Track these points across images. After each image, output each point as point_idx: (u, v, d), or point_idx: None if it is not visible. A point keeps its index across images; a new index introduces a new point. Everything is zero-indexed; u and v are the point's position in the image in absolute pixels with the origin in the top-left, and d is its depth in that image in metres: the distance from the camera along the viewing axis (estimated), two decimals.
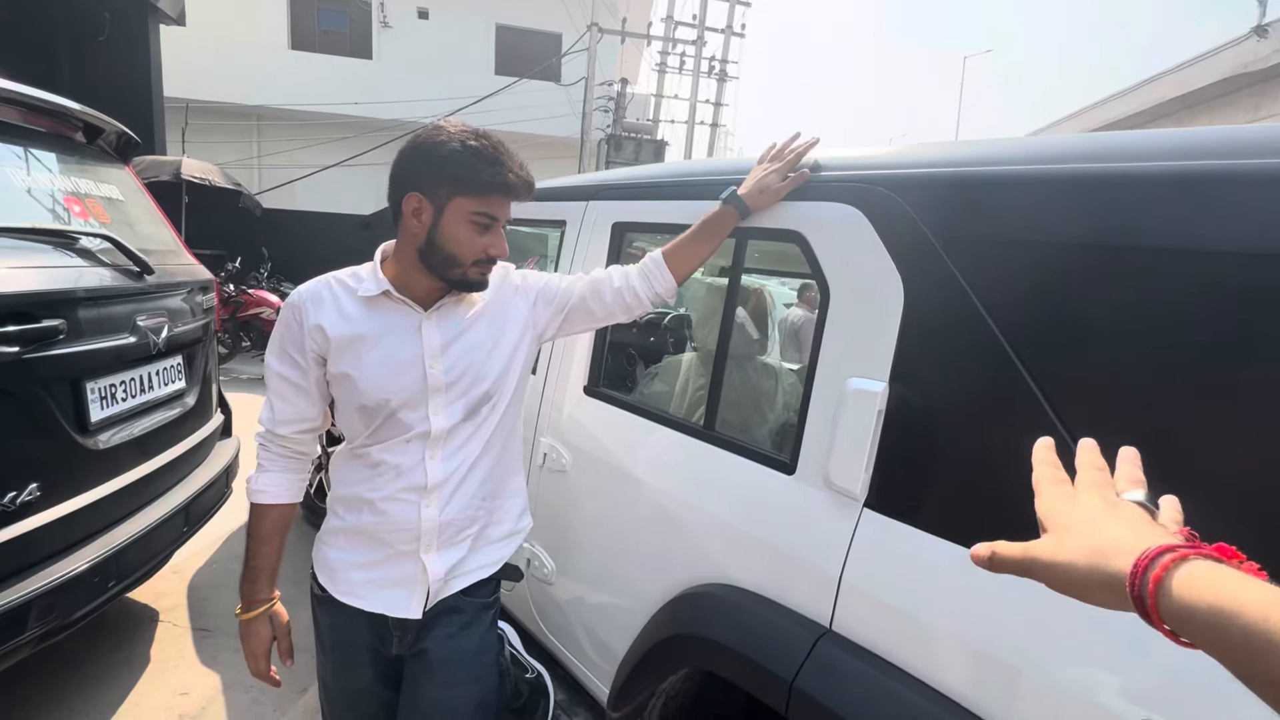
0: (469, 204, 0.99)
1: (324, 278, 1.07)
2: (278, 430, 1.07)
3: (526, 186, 1.01)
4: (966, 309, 0.91)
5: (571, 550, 1.58)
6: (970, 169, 0.96)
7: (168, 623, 2.30)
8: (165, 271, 1.99)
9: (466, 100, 9.99)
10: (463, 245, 1.00)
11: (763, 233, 1.24)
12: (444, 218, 0.99)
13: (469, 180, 0.97)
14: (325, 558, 1.11)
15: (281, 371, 1.05)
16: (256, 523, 1.08)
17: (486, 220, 1.00)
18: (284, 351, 1.04)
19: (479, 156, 0.97)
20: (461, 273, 1.02)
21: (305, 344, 1.02)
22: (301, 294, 1.04)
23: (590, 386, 1.60)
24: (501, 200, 1.01)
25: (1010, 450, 0.88)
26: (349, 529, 1.08)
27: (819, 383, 1.09)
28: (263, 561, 1.08)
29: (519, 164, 1.01)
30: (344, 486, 1.09)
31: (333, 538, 1.11)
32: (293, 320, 1.03)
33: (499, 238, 1.03)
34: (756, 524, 1.15)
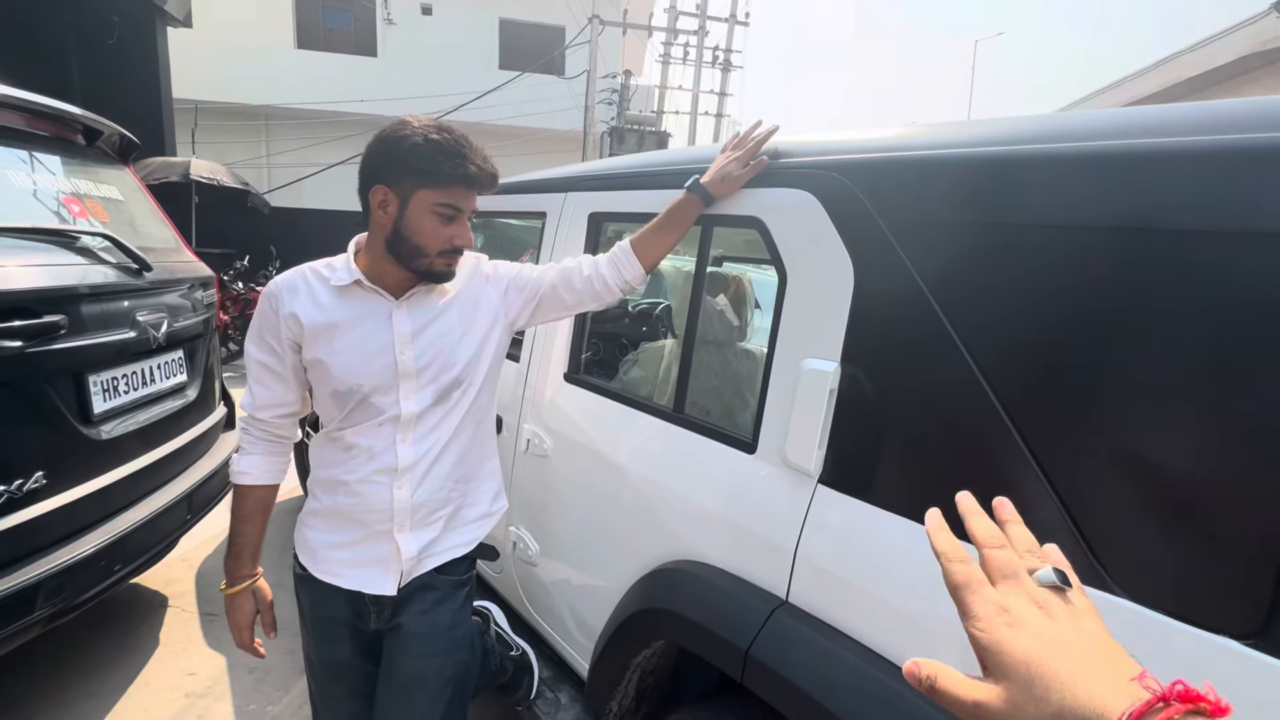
0: (432, 196, 1.03)
1: (300, 268, 1.12)
2: (258, 415, 1.12)
3: (489, 178, 1.05)
4: (911, 290, 0.94)
5: (554, 532, 1.63)
6: (914, 152, 0.99)
7: (176, 608, 2.39)
8: (164, 268, 2.06)
9: (470, 95, 10.04)
10: (428, 236, 1.04)
11: (725, 220, 1.27)
12: (409, 210, 1.04)
13: (431, 173, 1.01)
14: (305, 539, 1.16)
15: (259, 358, 1.10)
16: (239, 503, 1.14)
17: (450, 211, 1.04)
18: (261, 339, 1.09)
19: (440, 149, 1.01)
20: (428, 263, 1.06)
21: (281, 331, 1.07)
22: (278, 283, 1.09)
23: (570, 374, 1.64)
24: (464, 192, 1.05)
25: (954, 429, 0.92)
26: (326, 510, 1.13)
27: (777, 364, 1.13)
28: (245, 539, 1.14)
29: (481, 156, 1.05)
30: (321, 470, 1.14)
31: (312, 519, 1.16)
32: (269, 309, 1.08)
33: (463, 228, 1.07)
34: (721, 502, 1.19)
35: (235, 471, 1.13)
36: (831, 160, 1.09)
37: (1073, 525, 0.78)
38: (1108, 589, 0.76)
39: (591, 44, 10.43)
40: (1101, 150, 0.80)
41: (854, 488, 1.00)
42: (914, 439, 0.95)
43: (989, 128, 0.96)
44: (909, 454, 0.96)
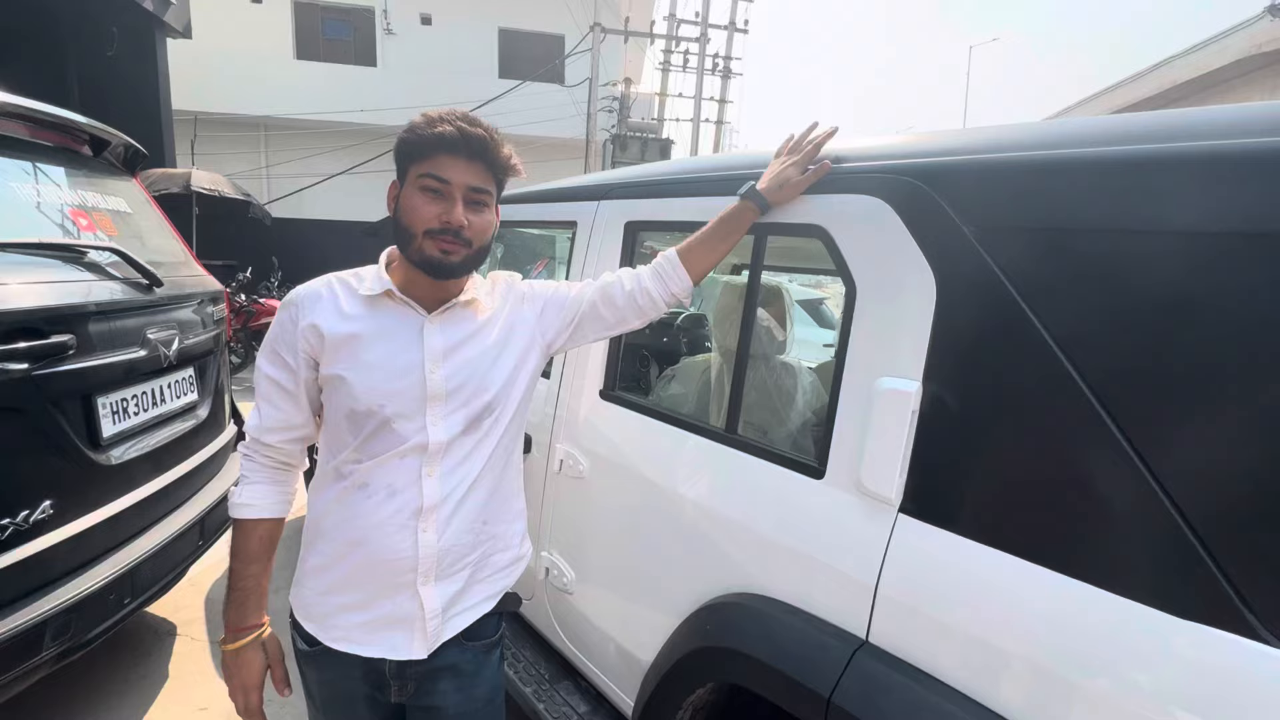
0: (417, 169, 0.95)
1: (324, 277, 1.02)
2: (264, 438, 1.01)
3: (466, 140, 0.93)
4: (1006, 304, 0.87)
5: (592, 559, 1.54)
6: (1003, 155, 0.91)
7: (186, 636, 2.30)
8: (175, 284, 1.98)
9: (471, 104, 9.99)
10: (413, 213, 0.95)
11: (783, 228, 1.19)
12: (403, 191, 0.97)
13: (415, 144, 0.94)
14: (309, 602, 1.01)
15: (270, 374, 1.00)
16: (242, 541, 1.00)
17: (434, 183, 0.94)
18: (275, 353, 0.99)
19: (425, 119, 0.95)
20: (417, 247, 0.95)
21: (298, 344, 0.97)
22: (298, 292, 1.00)
23: (606, 390, 1.56)
24: (447, 159, 0.93)
25: (1054, 452, 0.84)
26: (334, 565, 0.99)
27: (847, 383, 1.05)
28: (250, 583, 1.01)
29: (466, 118, 0.95)
30: (326, 515, 1.00)
31: (315, 579, 1.01)
32: (287, 319, 0.99)
33: (453, 204, 0.94)
34: (784, 530, 1.11)
35: (236, 504, 1.00)
36: (906, 164, 1.01)
37: (1212, 562, 0.70)
38: (1256, 635, 0.68)
39: (594, 52, 10.41)
40: (1236, 150, 0.72)
41: (941, 517, 0.92)
42: (1011, 464, 0.88)
43: (1084, 128, 0.89)
44: (1006, 481, 0.88)
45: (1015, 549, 0.85)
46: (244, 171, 11.11)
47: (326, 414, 1.01)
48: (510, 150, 1.00)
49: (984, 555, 0.87)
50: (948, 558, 0.90)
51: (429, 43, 12.59)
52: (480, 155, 0.95)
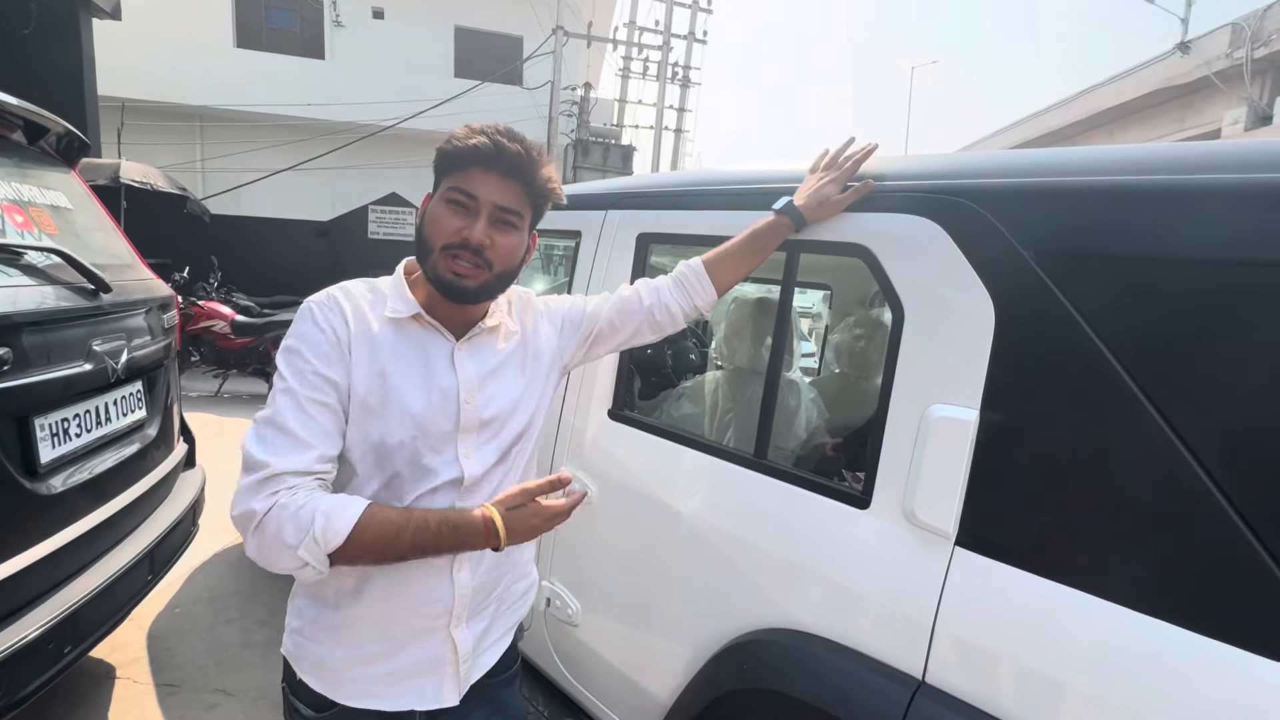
0: (448, 181, 0.87)
1: (337, 288, 0.89)
2: (315, 468, 0.79)
3: (501, 156, 0.84)
4: (1072, 333, 0.84)
5: (600, 589, 1.46)
6: (1068, 179, 0.89)
7: (127, 679, 2.07)
8: (122, 288, 1.78)
9: (426, 103, 9.70)
10: (433, 225, 0.86)
11: (820, 245, 1.15)
12: (432, 203, 0.89)
13: (450, 155, 0.86)
14: (318, 658, 0.89)
15: (311, 394, 0.81)
16: (392, 540, 0.78)
17: (460, 197, 0.85)
18: (313, 370, 0.82)
19: (465, 130, 0.87)
20: (431, 263, 0.86)
21: (333, 357, 0.83)
22: (318, 300, 0.87)
23: (615, 410, 1.48)
24: (479, 173, 0.85)
25: (1122, 485, 0.82)
26: (350, 616, 0.88)
27: (895, 409, 1.01)
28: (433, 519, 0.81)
29: (507, 133, 0.86)
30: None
31: (325, 632, 0.89)
32: (319, 330, 0.84)
33: (474, 220, 0.85)
34: (825, 562, 1.06)
35: (329, 527, 0.75)
36: (959, 185, 0.98)
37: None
38: None
39: (555, 54, 10.29)
40: None
41: (1001, 551, 0.89)
42: (1077, 497, 0.85)
43: (1151, 154, 0.88)
44: (1071, 514, 0.85)
45: (1083, 584, 0.82)
46: (178, 164, 10.42)
47: (348, 444, 0.86)
48: (552, 172, 0.92)
49: (1049, 591, 0.84)
50: (1010, 593, 0.87)
51: (381, 37, 12.16)
52: (515, 173, 0.87)
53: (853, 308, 2.54)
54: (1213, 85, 11.67)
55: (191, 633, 2.33)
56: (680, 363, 2.24)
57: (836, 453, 1.63)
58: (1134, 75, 14.02)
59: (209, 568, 2.83)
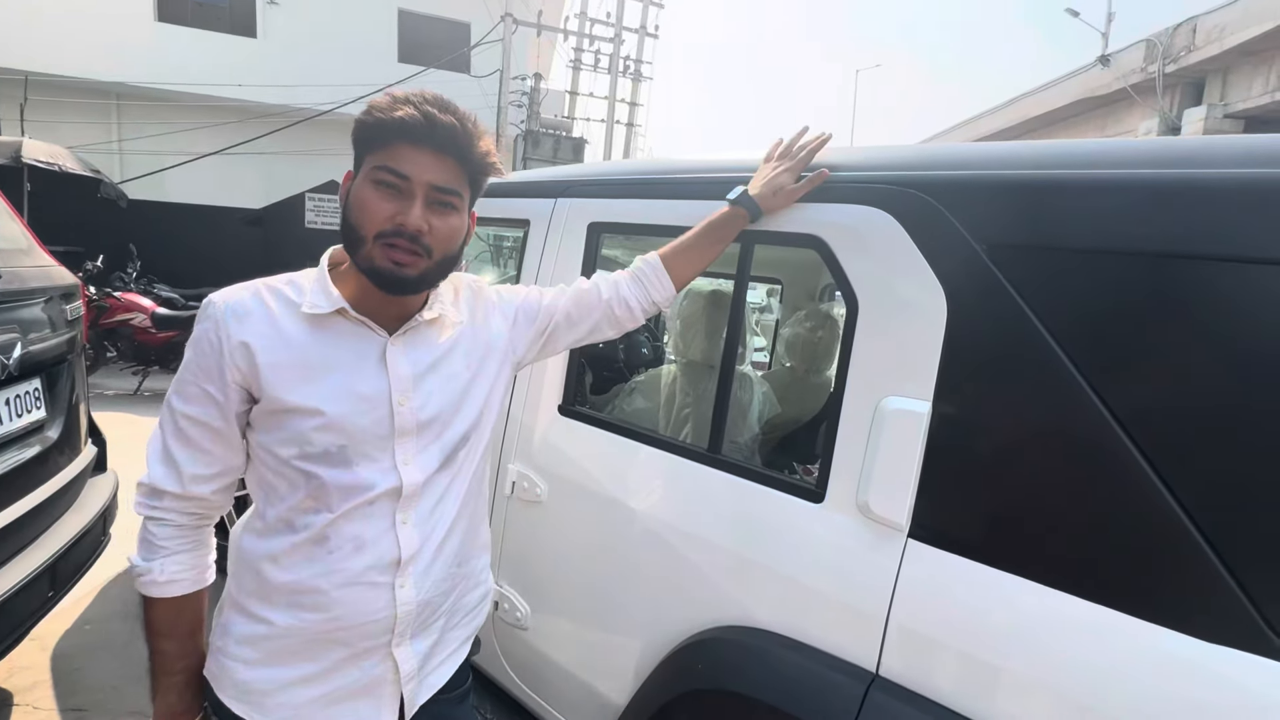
0: (372, 159, 0.79)
1: (248, 285, 0.82)
2: (193, 490, 0.80)
3: (432, 130, 0.77)
4: (1022, 324, 0.85)
5: (551, 590, 1.41)
6: (1019, 172, 0.90)
7: (26, 706, 1.88)
8: (15, 275, 1.61)
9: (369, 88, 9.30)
10: (362, 211, 0.78)
11: (774, 236, 1.13)
12: (355, 184, 0.81)
13: (372, 128, 0.78)
14: (241, 681, 0.82)
15: (192, 413, 0.78)
16: (171, 619, 0.82)
17: (389, 177, 0.77)
18: (194, 384, 0.78)
19: (388, 101, 0.78)
20: (366, 253, 0.78)
21: (226, 372, 0.77)
22: (217, 304, 0.79)
23: (566, 405, 1.44)
24: (408, 149, 0.77)
25: (1073, 475, 0.83)
26: (279, 634, 0.81)
27: (849, 402, 1.00)
28: (186, 663, 0.83)
29: (438, 103, 0.79)
30: (268, 575, 0.81)
31: (249, 650, 0.82)
32: (207, 338, 0.78)
33: (409, 204, 0.78)
34: (780, 557, 1.05)
35: (157, 582, 0.80)
36: (912, 177, 0.98)
37: (1236, 585, 0.71)
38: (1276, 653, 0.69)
39: (505, 42, 10.03)
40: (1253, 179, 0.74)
41: (954, 542, 0.89)
42: (1028, 488, 0.86)
43: (1095, 149, 0.90)
44: (1022, 505, 0.86)
45: (1033, 574, 0.83)
46: (91, 144, 9.65)
47: (262, 454, 0.81)
48: (490, 144, 0.84)
49: (1001, 581, 0.85)
50: (963, 584, 0.87)
51: (318, 17, 11.58)
52: (450, 148, 0.79)
53: (803, 301, 2.57)
54: (1129, 97, 12.47)
55: (104, 651, 2.15)
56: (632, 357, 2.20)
57: (789, 446, 1.63)
58: (1058, 86, 14.84)
59: (125, 580, 2.62)
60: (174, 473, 0.79)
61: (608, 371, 2.11)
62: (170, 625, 0.82)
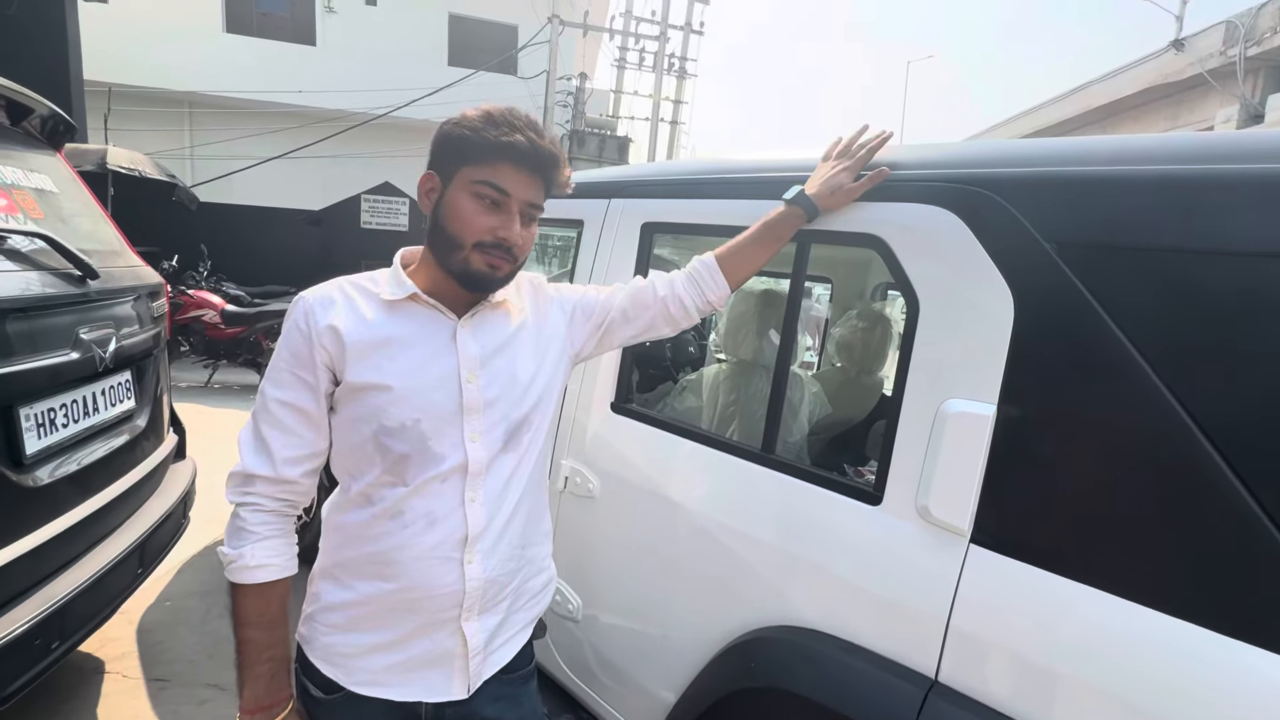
0: (472, 173, 0.84)
1: (333, 281, 0.90)
2: (284, 473, 0.86)
3: (536, 155, 0.84)
4: (1095, 327, 0.82)
5: (602, 585, 1.43)
6: (1093, 169, 0.87)
7: (116, 674, 2.03)
8: (111, 275, 1.73)
9: (420, 91, 9.58)
10: (463, 222, 0.85)
11: (832, 236, 1.12)
12: (449, 191, 0.86)
13: (473, 143, 0.84)
14: (328, 645, 0.89)
15: (286, 398, 0.85)
16: (259, 606, 0.86)
17: (491, 193, 0.84)
18: (290, 372, 0.85)
19: (488, 118, 0.84)
20: (463, 258, 0.85)
21: (315, 356, 0.84)
22: (306, 297, 0.87)
23: (618, 403, 1.46)
24: (511, 171, 0.84)
25: (1144, 481, 0.80)
26: (361, 601, 0.88)
27: (909, 404, 0.99)
28: (280, 650, 0.88)
29: (535, 128, 0.86)
30: (351, 546, 0.88)
31: (333, 615, 0.89)
32: (296, 329, 0.85)
33: (510, 219, 0.85)
34: (834, 559, 1.04)
35: (248, 567, 0.84)
36: (978, 175, 0.96)
37: None
38: None
39: (551, 44, 10.17)
40: None
41: (1018, 549, 0.87)
42: (1096, 494, 0.83)
43: (1179, 144, 0.86)
44: (1088, 512, 0.84)
45: (1104, 584, 0.81)
46: (166, 151, 10.24)
47: (344, 433, 0.88)
48: (570, 171, 0.93)
49: (1069, 590, 0.83)
50: (1028, 591, 0.85)
51: (374, 24, 11.98)
52: (544, 172, 0.87)
53: (854, 301, 2.53)
54: (1206, 83, 11.69)
55: (182, 627, 2.30)
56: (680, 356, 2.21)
57: (841, 448, 1.61)
58: (1128, 72, 14.03)
59: (200, 561, 2.79)
60: (266, 457, 0.85)
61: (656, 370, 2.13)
62: (258, 613, 0.87)
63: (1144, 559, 0.79)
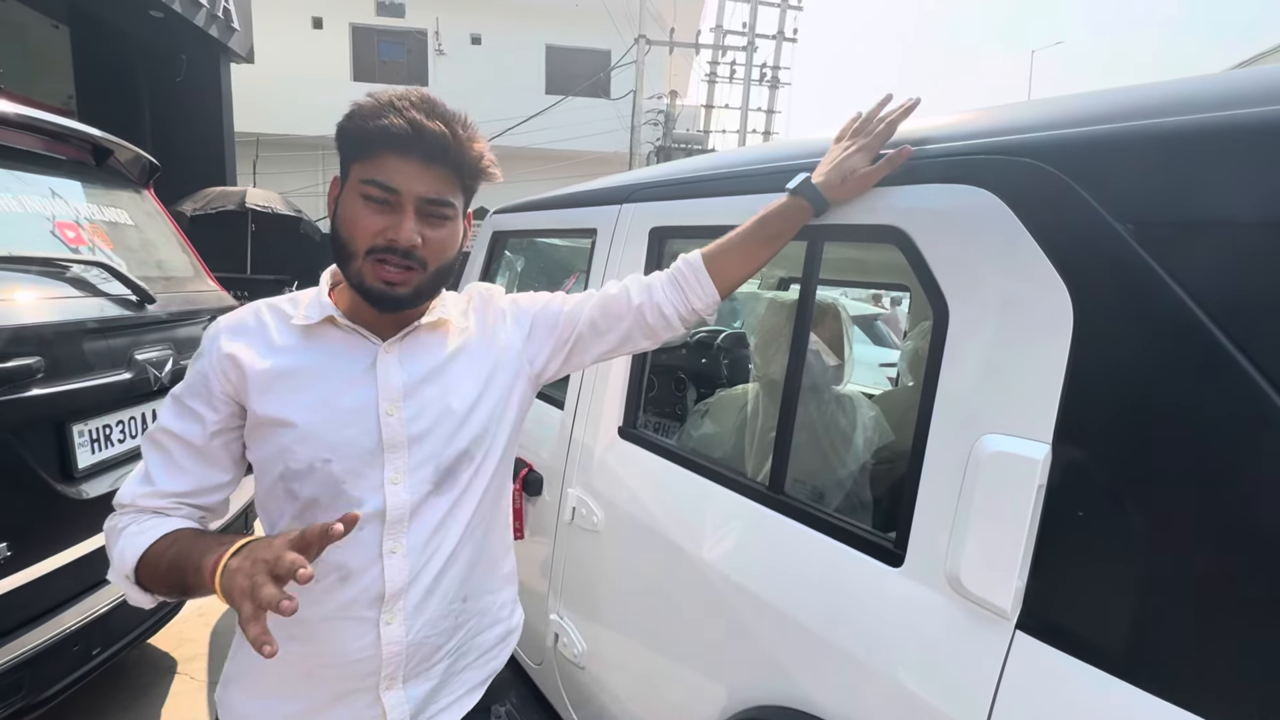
0: (359, 170, 0.73)
1: (253, 304, 0.81)
2: (145, 504, 0.75)
3: (421, 139, 0.71)
4: (1190, 330, 0.58)
5: (605, 630, 1.29)
6: (1183, 119, 0.63)
7: (185, 675, 2.15)
8: (175, 299, 1.85)
9: (515, 120, 10.05)
10: (352, 226, 0.73)
11: (845, 231, 0.93)
12: (343, 194, 0.76)
13: (353, 135, 0.73)
14: (238, 708, 0.81)
15: (171, 427, 0.76)
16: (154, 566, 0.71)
17: (378, 192, 0.72)
18: (182, 402, 0.76)
19: (370, 104, 0.73)
20: (356, 269, 0.74)
21: (213, 384, 0.75)
22: (219, 322, 0.79)
23: (626, 428, 1.32)
24: (393, 160, 0.71)
25: (1263, 557, 0.55)
26: (273, 665, 0.75)
27: (934, 440, 0.77)
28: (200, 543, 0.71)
29: (425, 107, 0.73)
30: None
31: (249, 679, 0.81)
32: (201, 355, 0.77)
33: (401, 218, 0.72)
34: (845, 631, 0.83)
35: (124, 563, 0.72)
36: (1022, 141, 0.73)
37: None
38: None
39: (638, 63, 10.31)
40: None
41: (1083, 646, 0.63)
42: (1196, 575, 0.58)
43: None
44: (1187, 601, 0.59)
45: (1200, 706, 0.56)
46: (302, 189, 11.48)
47: (257, 473, 0.79)
48: (483, 146, 0.78)
49: (1149, 709, 0.58)
50: (1095, 705, 0.61)
51: (479, 61, 12.82)
52: (440, 157, 0.73)
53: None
54: None
55: None
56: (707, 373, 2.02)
57: (896, 485, 1.36)
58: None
59: None
60: (148, 487, 0.76)
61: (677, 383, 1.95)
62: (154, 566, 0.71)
63: (1266, 672, 0.53)
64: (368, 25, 13.00)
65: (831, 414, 1.39)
